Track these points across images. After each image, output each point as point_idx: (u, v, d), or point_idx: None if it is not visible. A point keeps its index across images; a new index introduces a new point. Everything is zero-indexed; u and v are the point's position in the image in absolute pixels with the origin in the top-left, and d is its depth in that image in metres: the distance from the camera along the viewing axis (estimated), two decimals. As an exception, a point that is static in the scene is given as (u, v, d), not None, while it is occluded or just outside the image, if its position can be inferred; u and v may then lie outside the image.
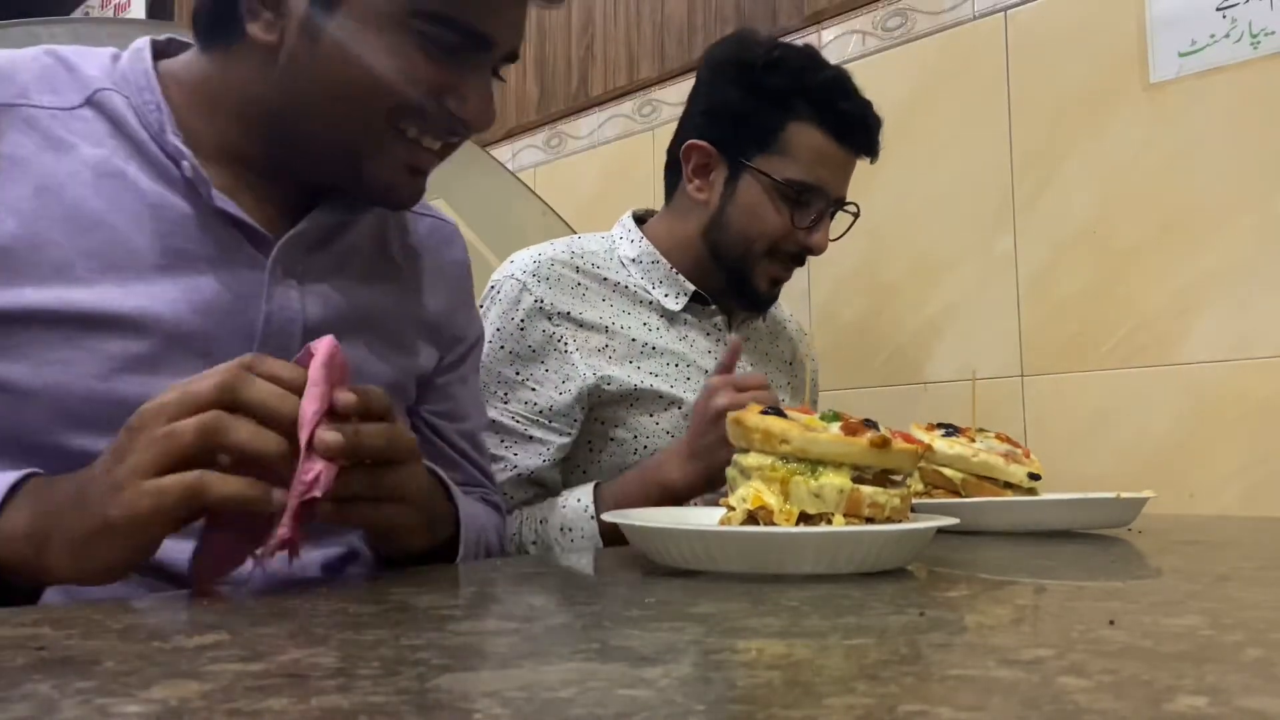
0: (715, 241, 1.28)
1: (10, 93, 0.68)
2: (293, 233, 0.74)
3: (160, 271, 0.69)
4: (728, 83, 1.28)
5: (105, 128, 0.70)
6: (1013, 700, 0.27)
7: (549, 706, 0.27)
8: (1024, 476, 0.88)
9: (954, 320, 1.58)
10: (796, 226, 1.24)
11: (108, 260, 0.67)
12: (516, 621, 0.42)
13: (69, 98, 0.70)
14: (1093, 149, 1.45)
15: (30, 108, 0.68)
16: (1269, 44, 1.30)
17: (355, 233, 0.81)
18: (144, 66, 0.73)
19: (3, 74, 0.69)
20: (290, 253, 0.74)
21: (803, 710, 0.27)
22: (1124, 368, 1.40)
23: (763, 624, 0.40)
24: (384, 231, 0.84)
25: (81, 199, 0.68)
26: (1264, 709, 0.26)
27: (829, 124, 1.23)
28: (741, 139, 1.26)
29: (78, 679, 0.31)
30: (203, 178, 0.70)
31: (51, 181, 0.67)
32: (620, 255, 1.30)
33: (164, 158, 0.70)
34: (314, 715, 0.27)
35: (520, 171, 2.15)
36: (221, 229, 0.72)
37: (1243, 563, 0.65)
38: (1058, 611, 0.47)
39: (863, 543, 0.56)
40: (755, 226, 1.25)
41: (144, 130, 0.70)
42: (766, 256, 1.25)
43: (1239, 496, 1.28)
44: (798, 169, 1.23)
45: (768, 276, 1.26)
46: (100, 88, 0.71)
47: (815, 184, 1.23)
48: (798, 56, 1.27)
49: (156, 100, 0.71)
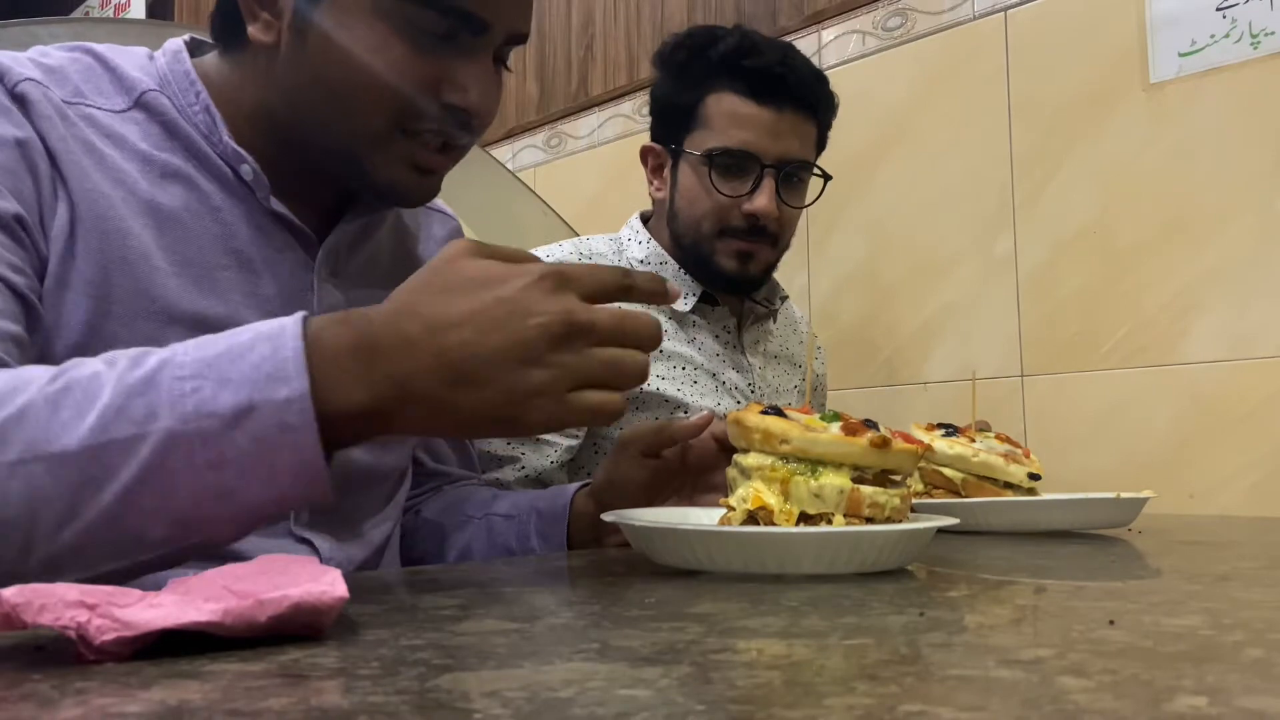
0: (674, 233, 1.29)
1: (68, 91, 0.67)
2: (334, 234, 0.75)
3: (223, 271, 0.69)
4: (659, 79, 1.31)
5: (158, 130, 0.69)
6: (1013, 700, 0.27)
7: (549, 706, 0.27)
8: (1024, 476, 0.88)
9: (954, 320, 1.58)
10: (730, 196, 1.22)
11: (183, 256, 0.67)
12: (516, 621, 0.42)
13: (116, 100, 0.69)
14: (1093, 149, 1.45)
15: (89, 107, 0.68)
16: (1269, 44, 1.30)
17: (382, 230, 0.82)
18: (184, 68, 0.72)
19: (56, 72, 0.67)
20: (332, 253, 0.75)
21: (803, 710, 0.27)
22: (1124, 368, 1.40)
23: (763, 624, 0.40)
24: (402, 228, 0.85)
25: (153, 194, 0.67)
26: (1264, 709, 0.26)
27: (740, 86, 1.22)
28: (674, 127, 1.28)
29: (78, 679, 0.31)
30: (262, 181, 0.70)
31: (126, 176, 0.67)
32: (629, 256, 1.30)
33: (218, 160, 0.70)
34: (314, 715, 0.27)
35: (520, 171, 2.15)
36: (274, 231, 0.72)
37: (1243, 563, 0.65)
38: (1058, 611, 0.47)
39: (863, 543, 0.56)
40: (695, 208, 1.25)
41: (194, 131, 0.70)
42: (720, 235, 1.24)
43: (1239, 496, 1.28)
44: (716, 137, 1.23)
45: (730, 253, 1.24)
46: (147, 89, 0.70)
47: (735, 147, 1.22)
48: (702, 32, 1.29)
49: (204, 103, 0.70)
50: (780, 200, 1.24)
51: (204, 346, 0.49)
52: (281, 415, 0.47)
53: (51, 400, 0.48)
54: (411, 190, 0.72)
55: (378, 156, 0.69)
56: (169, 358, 0.49)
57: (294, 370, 0.47)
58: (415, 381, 0.49)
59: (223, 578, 0.39)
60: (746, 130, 1.22)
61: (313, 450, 0.48)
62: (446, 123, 0.69)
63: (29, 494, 0.46)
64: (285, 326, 0.49)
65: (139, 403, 0.47)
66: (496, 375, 0.49)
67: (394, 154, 0.70)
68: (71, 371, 0.49)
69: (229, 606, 0.36)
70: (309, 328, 0.50)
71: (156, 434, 0.47)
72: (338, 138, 0.69)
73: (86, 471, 0.46)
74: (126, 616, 0.34)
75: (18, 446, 0.46)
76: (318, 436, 0.48)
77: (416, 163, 0.70)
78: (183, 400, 0.47)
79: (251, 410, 0.47)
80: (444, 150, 0.71)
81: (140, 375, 0.48)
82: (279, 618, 0.37)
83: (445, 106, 0.69)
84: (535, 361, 0.49)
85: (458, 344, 0.49)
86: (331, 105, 0.68)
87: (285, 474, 0.48)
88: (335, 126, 0.69)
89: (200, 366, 0.48)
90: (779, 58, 1.23)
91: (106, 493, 0.47)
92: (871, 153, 1.68)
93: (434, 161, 0.71)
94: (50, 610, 0.34)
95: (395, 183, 0.71)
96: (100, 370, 0.49)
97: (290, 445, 0.47)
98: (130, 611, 0.35)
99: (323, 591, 0.38)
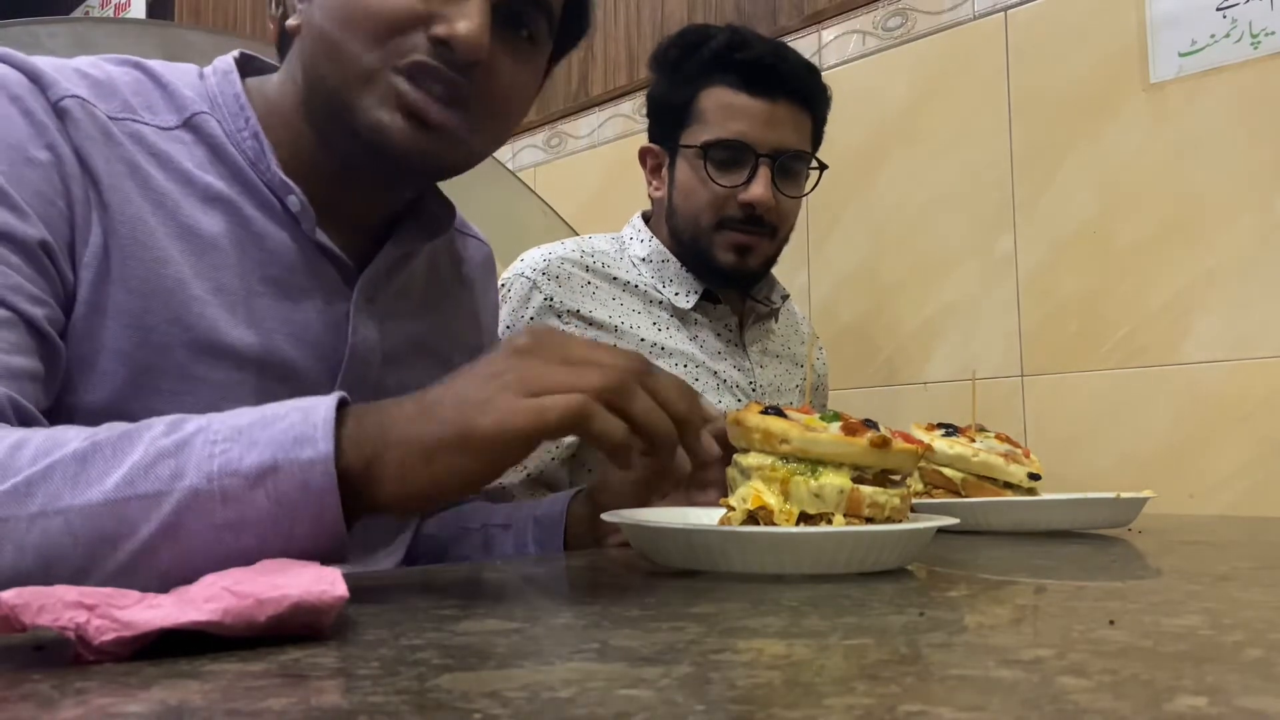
0: (673, 230, 1.30)
1: (115, 106, 0.66)
2: (373, 265, 0.74)
3: (259, 300, 0.68)
4: (654, 81, 1.33)
5: (204, 153, 0.69)
6: (1013, 700, 0.27)
7: (549, 706, 0.27)
8: (1024, 476, 0.88)
9: (954, 320, 1.58)
10: (726, 187, 1.23)
11: (218, 283, 0.67)
12: (516, 621, 0.42)
13: (166, 118, 0.68)
14: (1093, 149, 1.45)
15: (136, 123, 0.67)
16: (1269, 44, 1.30)
17: (418, 260, 0.81)
18: (235, 90, 0.71)
19: (104, 87, 0.66)
20: (371, 284, 0.74)
21: (803, 710, 0.27)
22: (1124, 368, 1.40)
23: (763, 624, 0.40)
24: (436, 255, 0.84)
25: (193, 218, 0.66)
26: (1264, 709, 0.26)
27: (731, 79, 1.24)
28: (669, 125, 1.29)
29: (78, 679, 0.31)
30: (309, 213, 0.70)
31: (167, 199, 0.66)
32: (631, 255, 1.31)
33: (264, 187, 0.69)
34: (314, 715, 0.27)
35: (520, 171, 2.15)
36: (316, 261, 0.71)
37: (1243, 563, 0.65)
38: (1058, 611, 0.47)
39: (863, 543, 0.56)
40: (692, 202, 1.26)
41: (240, 157, 0.69)
42: (718, 228, 1.25)
43: (1239, 496, 1.28)
44: (710, 130, 1.24)
45: (728, 246, 1.25)
46: (197, 110, 0.69)
47: (731, 138, 1.23)
48: (694, 31, 1.30)
49: (253, 129, 0.70)
50: (776, 190, 1.24)
51: (242, 415, 0.50)
52: (304, 475, 0.47)
53: (80, 457, 0.48)
54: (402, 135, 0.67)
55: (366, 96, 0.66)
56: (205, 425, 0.49)
57: (320, 434, 0.48)
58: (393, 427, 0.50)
59: (223, 578, 0.39)
60: (740, 121, 1.23)
61: (333, 512, 0.48)
62: (436, 57, 0.66)
63: (45, 547, 0.46)
64: (321, 400, 0.50)
65: (169, 463, 0.47)
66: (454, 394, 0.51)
67: (383, 92, 0.66)
68: (105, 432, 0.49)
69: (229, 606, 0.36)
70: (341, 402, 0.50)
71: (180, 491, 0.47)
72: (333, 85, 0.67)
73: (105, 527, 0.46)
74: (125, 617, 0.34)
75: (40, 500, 0.47)
76: (338, 498, 0.48)
77: (407, 104, 0.66)
78: (210, 461, 0.47)
79: (275, 469, 0.47)
80: (444, 102, 0.67)
81: (174, 439, 0.48)
82: (279, 618, 0.36)
83: (432, 39, 0.66)
84: (493, 374, 0.51)
85: (435, 391, 0.51)
86: (328, 54, 0.67)
87: (304, 536, 0.48)
88: (332, 75, 0.67)
89: (233, 432, 0.48)
90: (770, 49, 1.25)
91: (122, 551, 0.47)
92: (871, 153, 1.68)
93: (430, 109, 0.67)
94: (49, 611, 0.34)
95: (383, 126, 0.66)
96: (135, 431, 0.49)
97: (311, 506, 0.47)
98: (129, 612, 0.35)
99: (323, 591, 0.38)
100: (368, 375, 0.73)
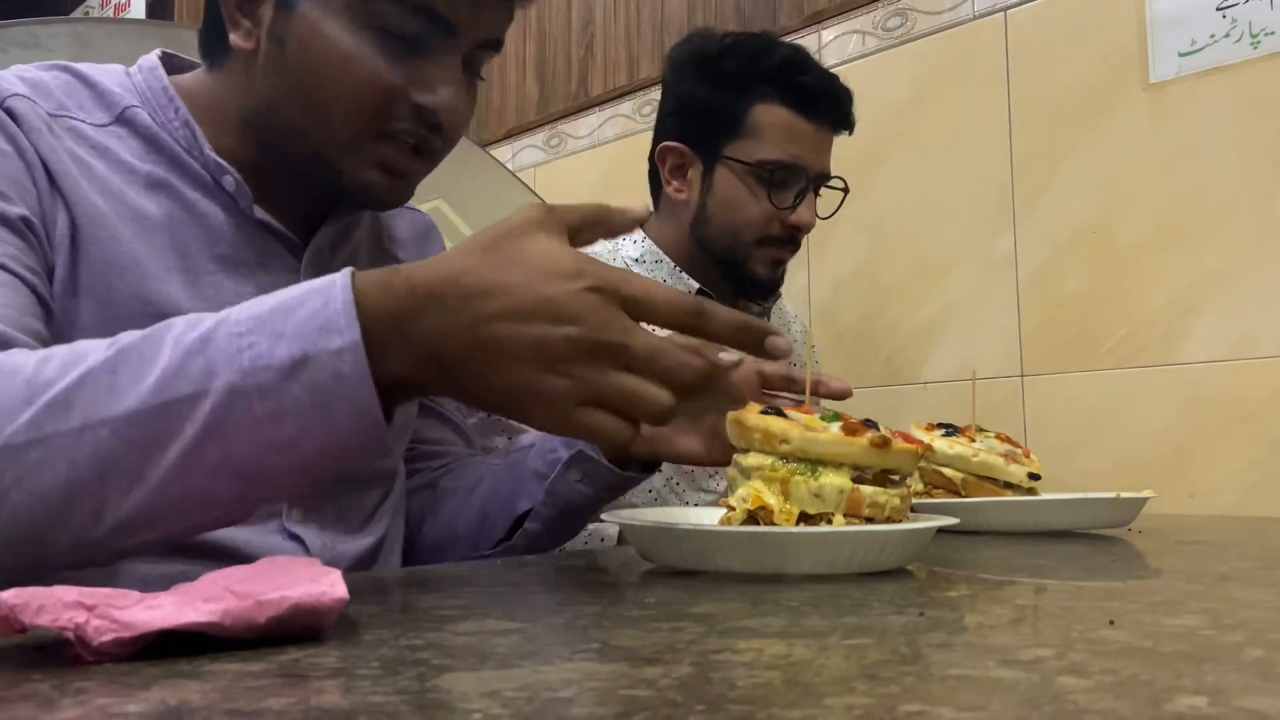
0: (703, 237, 1.29)
1: (52, 105, 0.69)
2: (317, 238, 0.76)
3: (212, 278, 0.70)
4: (690, 80, 1.31)
5: (140, 144, 0.71)
6: (1013, 700, 0.27)
7: (549, 706, 0.27)
8: (1024, 476, 0.88)
9: (954, 320, 1.58)
10: (778, 207, 1.24)
11: (172, 262, 0.69)
12: (516, 621, 0.42)
13: (98, 115, 0.71)
14: (1093, 149, 1.45)
15: (72, 119, 0.69)
16: (1269, 44, 1.30)
17: (359, 231, 0.83)
18: (162, 84, 0.73)
19: (38, 87, 0.69)
20: (316, 257, 0.76)
21: (803, 710, 0.27)
22: (1124, 368, 1.40)
23: (763, 624, 0.40)
24: (378, 227, 0.87)
25: (139, 203, 0.69)
26: (1264, 709, 0.26)
27: (792, 100, 1.25)
28: (710, 131, 1.28)
29: (78, 679, 0.31)
30: (245, 191, 0.72)
31: (112, 186, 0.68)
32: (623, 256, 1.30)
33: (200, 170, 0.72)
34: (314, 715, 0.27)
35: (520, 171, 2.15)
36: (259, 238, 0.74)
37: (1243, 563, 0.65)
38: (1058, 611, 0.47)
39: (863, 543, 0.56)
40: (738, 216, 1.26)
41: (175, 144, 0.71)
42: (759, 244, 1.26)
43: (1239, 496, 1.28)
44: (768, 149, 1.24)
45: (766, 262, 1.27)
46: (128, 105, 0.72)
47: (789, 161, 1.24)
48: (751, 41, 1.30)
49: (183, 117, 0.72)
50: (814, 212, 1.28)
51: (257, 304, 0.50)
52: (335, 365, 0.48)
53: (110, 365, 0.48)
54: (384, 193, 0.73)
55: (351, 159, 0.70)
56: (224, 318, 0.50)
57: (344, 322, 0.48)
58: (447, 346, 0.50)
59: (224, 579, 0.39)
60: (798, 145, 1.25)
61: (368, 398, 0.48)
62: (417, 123, 0.70)
63: (97, 458, 0.47)
64: (334, 281, 0.50)
65: (198, 361, 0.48)
66: (515, 368, 0.49)
67: (366, 156, 0.70)
68: (127, 338, 0.50)
69: (228, 607, 0.36)
70: (356, 283, 0.50)
71: (217, 390, 0.47)
72: (313, 141, 0.71)
73: (151, 431, 0.47)
74: (125, 618, 0.34)
75: (81, 413, 0.47)
76: (372, 383, 0.48)
77: (388, 165, 0.71)
78: (239, 355, 0.48)
79: (306, 361, 0.48)
80: (416, 154, 0.72)
81: (197, 335, 0.49)
82: (278, 619, 0.36)
83: (414, 107, 0.70)
84: (554, 368, 0.49)
85: (490, 317, 0.49)
86: (306, 109, 0.70)
87: (343, 422, 0.48)
88: (310, 130, 0.70)
89: (254, 323, 0.49)
90: (829, 77, 1.28)
91: (171, 451, 0.47)
92: (871, 153, 1.68)
93: (405, 164, 0.72)
94: (48, 611, 0.34)
95: (368, 185, 0.72)
96: (157, 334, 0.50)
97: (346, 394, 0.48)
98: (129, 613, 0.35)
99: (322, 593, 0.38)
100: None
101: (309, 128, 0.70)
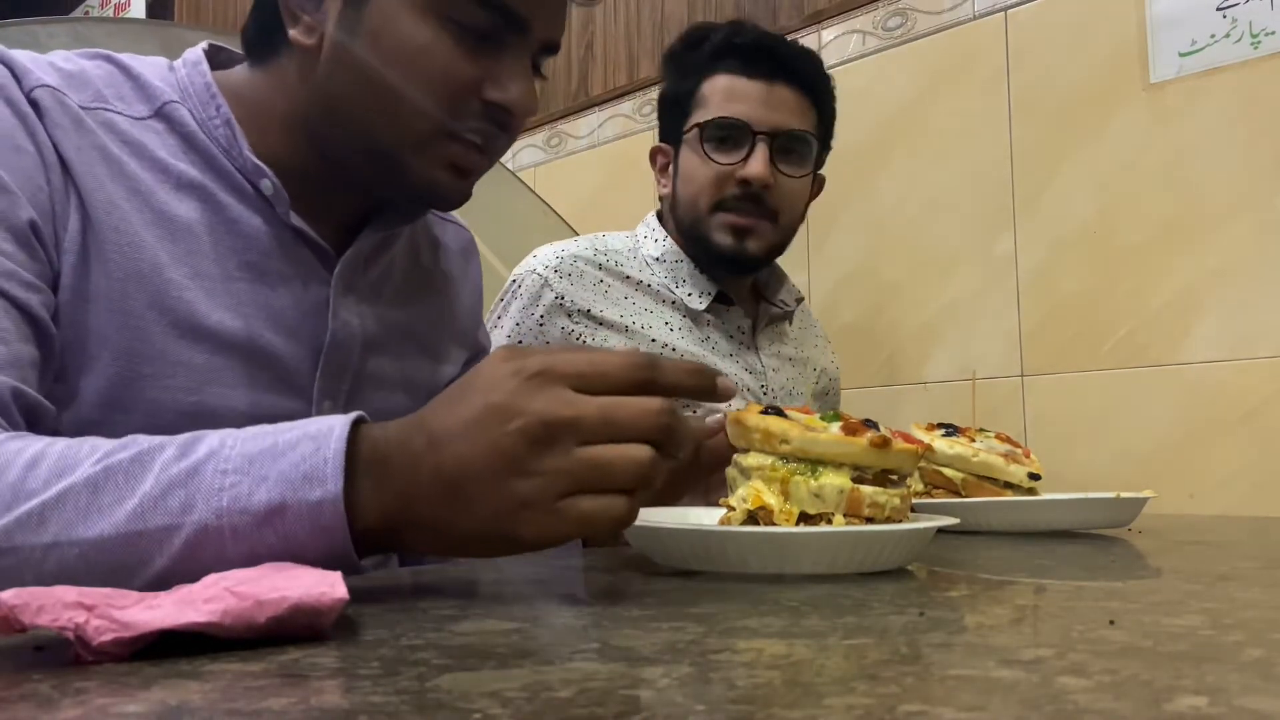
0: (677, 223, 1.31)
1: (88, 96, 0.67)
2: (352, 250, 0.74)
3: (237, 285, 0.68)
4: (664, 79, 1.36)
5: (177, 141, 0.69)
6: (1013, 700, 0.27)
7: (549, 706, 0.27)
8: (1024, 476, 0.88)
9: (954, 320, 1.58)
10: (726, 164, 1.23)
11: (195, 268, 0.67)
12: (516, 621, 0.42)
13: (138, 108, 0.69)
14: (1093, 149, 1.45)
15: (109, 112, 0.67)
16: (1269, 44, 1.30)
17: (397, 246, 0.81)
18: (205, 80, 0.71)
19: (76, 78, 0.67)
20: (349, 269, 0.74)
21: (803, 710, 0.27)
22: (1124, 368, 1.40)
23: (763, 624, 0.40)
24: (416, 241, 0.84)
25: (168, 205, 0.67)
26: (1264, 709, 0.26)
27: (732, 65, 1.26)
28: (674, 120, 1.31)
29: (77, 679, 0.31)
30: (282, 196, 0.70)
31: (141, 186, 0.66)
32: (644, 254, 1.30)
33: (237, 174, 0.70)
34: (314, 715, 0.27)
35: (520, 171, 2.15)
36: (293, 246, 0.71)
37: (1243, 563, 0.65)
38: (1058, 611, 0.47)
39: (863, 543, 0.56)
40: (692, 183, 1.27)
41: (213, 145, 0.69)
42: (715, 209, 1.24)
43: (1239, 496, 1.28)
44: (709, 110, 1.26)
45: (725, 227, 1.24)
46: (168, 100, 0.70)
47: (729, 115, 1.24)
48: (699, 29, 1.33)
49: (225, 116, 0.70)
50: (776, 169, 1.23)
51: (258, 439, 0.49)
52: (313, 516, 0.47)
53: (92, 485, 0.48)
54: (450, 192, 0.72)
55: (420, 157, 0.69)
56: (217, 449, 0.49)
57: (330, 472, 0.47)
58: (417, 502, 0.49)
59: (225, 579, 0.39)
60: (739, 102, 1.24)
61: (344, 547, 0.48)
62: (487, 120, 0.69)
63: (63, 575, 0.46)
64: (333, 428, 0.49)
65: (178, 494, 0.48)
66: (484, 490, 0.47)
67: (435, 154, 0.69)
68: (119, 453, 0.49)
69: (228, 607, 0.36)
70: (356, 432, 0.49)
71: (190, 525, 0.47)
72: (380, 139, 0.69)
73: (119, 559, 0.47)
74: (125, 617, 0.34)
75: (53, 530, 0.47)
76: (349, 536, 0.48)
77: (456, 163, 0.70)
78: (219, 495, 0.48)
79: (283, 510, 0.47)
80: (481, 152, 0.71)
81: (184, 467, 0.48)
82: (278, 619, 0.36)
83: (486, 104, 0.69)
84: (519, 470, 0.47)
85: (452, 458, 0.48)
86: (375, 105, 0.68)
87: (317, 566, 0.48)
88: (377, 128, 0.68)
89: (243, 462, 0.48)
90: (768, 34, 1.28)
91: (138, 578, 0.47)
92: (872, 152, 1.68)
93: (472, 162, 0.71)
94: (48, 611, 0.34)
95: (435, 184, 0.70)
96: (148, 455, 0.49)
97: (321, 544, 0.47)
98: (128, 613, 0.35)
99: (322, 593, 0.38)
100: (349, 361, 0.73)
101: (376, 125, 0.68)
